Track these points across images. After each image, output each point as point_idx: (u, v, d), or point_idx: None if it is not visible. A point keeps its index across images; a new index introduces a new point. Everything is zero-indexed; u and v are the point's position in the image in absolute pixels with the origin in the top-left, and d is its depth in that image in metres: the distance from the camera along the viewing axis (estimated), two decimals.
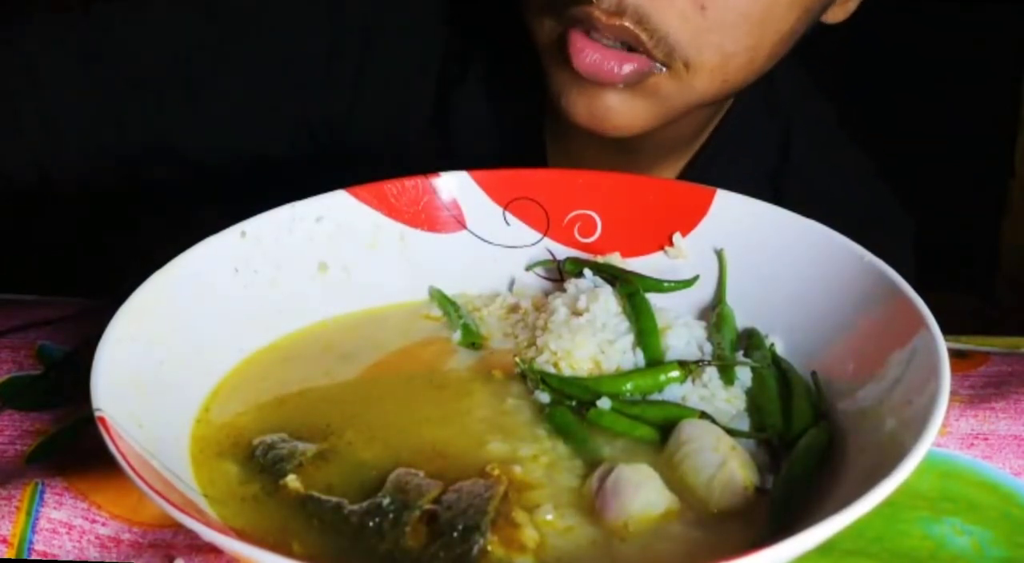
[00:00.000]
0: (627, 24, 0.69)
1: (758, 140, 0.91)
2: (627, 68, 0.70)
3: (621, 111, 0.74)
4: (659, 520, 0.49)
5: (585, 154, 0.88)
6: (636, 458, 0.54)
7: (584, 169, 0.70)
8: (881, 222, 0.80)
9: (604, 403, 0.56)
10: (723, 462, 0.52)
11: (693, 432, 0.54)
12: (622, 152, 0.86)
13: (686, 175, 0.90)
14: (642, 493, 0.50)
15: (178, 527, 0.53)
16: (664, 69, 0.71)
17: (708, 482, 0.51)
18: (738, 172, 0.88)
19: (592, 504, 0.50)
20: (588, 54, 0.70)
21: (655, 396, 0.58)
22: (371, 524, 0.48)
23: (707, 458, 0.52)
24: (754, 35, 0.72)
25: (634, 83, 0.72)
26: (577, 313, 0.62)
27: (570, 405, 0.57)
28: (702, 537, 0.49)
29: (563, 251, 0.69)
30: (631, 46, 0.70)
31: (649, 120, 0.75)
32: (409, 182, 0.68)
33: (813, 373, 0.59)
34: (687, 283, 0.66)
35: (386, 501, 0.49)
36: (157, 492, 0.43)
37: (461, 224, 0.69)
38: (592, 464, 0.53)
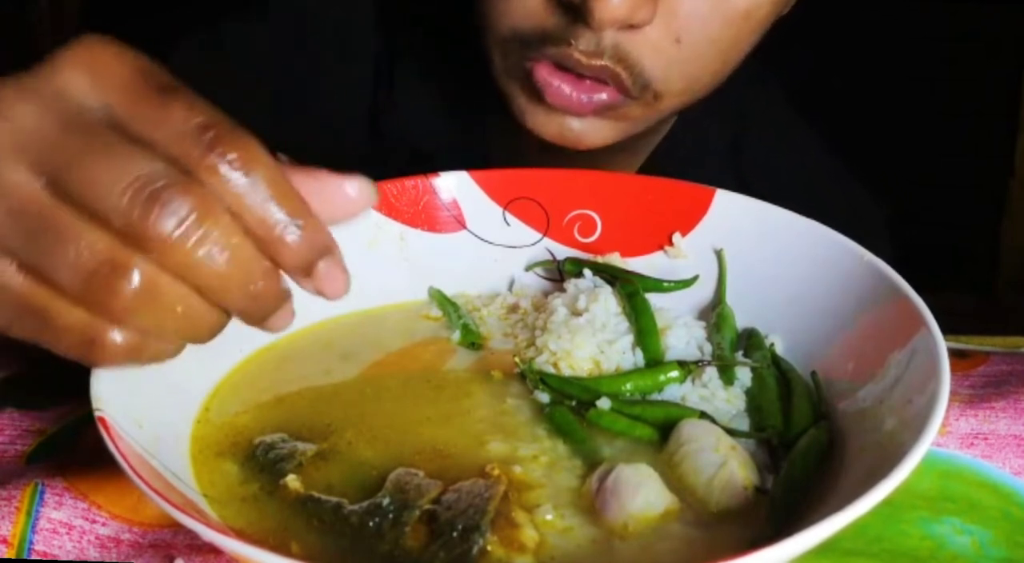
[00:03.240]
0: (607, 64, 0.68)
1: (714, 133, 0.91)
2: (597, 99, 0.70)
3: (590, 132, 0.73)
4: (659, 520, 0.49)
5: (532, 153, 0.87)
6: (636, 458, 0.54)
7: (556, 168, 0.69)
8: (857, 219, 0.80)
9: (604, 403, 0.56)
10: (723, 462, 0.52)
11: (693, 432, 0.54)
12: (568, 154, 0.85)
13: (643, 171, 0.90)
14: (642, 493, 0.50)
15: (178, 527, 0.53)
16: (632, 100, 0.71)
17: (708, 482, 0.51)
18: (696, 166, 0.87)
19: (592, 504, 0.50)
20: (559, 88, 0.69)
21: (655, 396, 0.58)
22: (371, 524, 0.48)
23: (707, 458, 0.52)
24: (721, 59, 0.72)
25: (603, 112, 0.71)
26: (577, 313, 0.62)
27: (570, 405, 0.57)
28: (702, 537, 0.49)
29: (563, 251, 0.69)
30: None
31: (618, 136, 0.75)
32: (409, 182, 0.68)
33: (813, 373, 0.59)
34: (687, 283, 0.66)
35: (386, 501, 0.49)
36: (157, 492, 0.43)
37: (461, 224, 0.69)
38: (592, 464, 0.53)
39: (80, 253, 0.41)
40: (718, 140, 0.92)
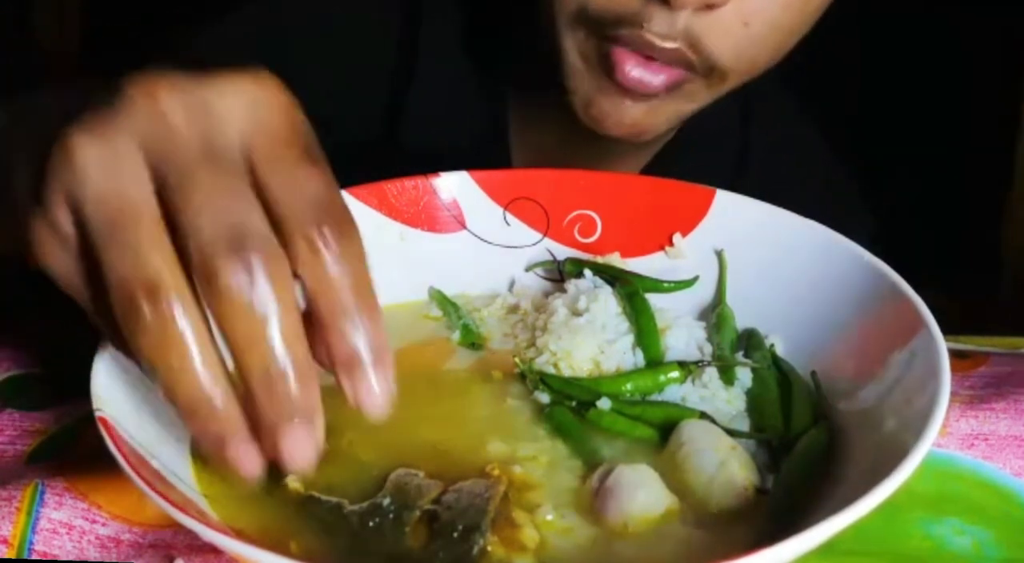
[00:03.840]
0: (680, 46, 0.69)
1: (722, 133, 0.92)
2: (667, 78, 0.71)
3: (652, 120, 0.74)
4: (659, 521, 0.49)
5: (551, 146, 0.87)
6: (636, 458, 0.54)
7: (548, 160, 0.69)
8: (840, 221, 0.81)
9: (604, 403, 0.56)
10: (723, 462, 0.52)
11: (693, 433, 0.54)
12: (592, 146, 0.85)
13: (652, 167, 0.90)
14: (642, 493, 0.50)
15: (178, 527, 0.53)
16: (699, 78, 0.72)
17: (708, 482, 0.51)
18: (702, 164, 0.87)
19: (592, 504, 0.50)
20: (630, 67, 0.70)
21: (655, 397, 0.58)
22: (371, 524, 0.48)
23: (707, 458, 0.52)
24: (782, 42, 0.73)
25: (670, 90, 0.72)
26: (577, 313, 0.62)
27: (570, 405, 0.57)
28: (702, 537, 0.49)
29: (563, 251, 0.69)
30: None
31: (673, 122, 0.76)
32: (409, 182, 0.68)
33: (813, 373, 0.59)
34: (687, 283, 0.66)
35: (386, 501, 0.49)
36: (157, 492, 0.43)
37: (461, 224, 0.69)
38: (592, 464, 0.53)
39: (139, 257, 0.40)
40: (728, 134, 0.93)
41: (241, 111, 0.42)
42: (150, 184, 0.41)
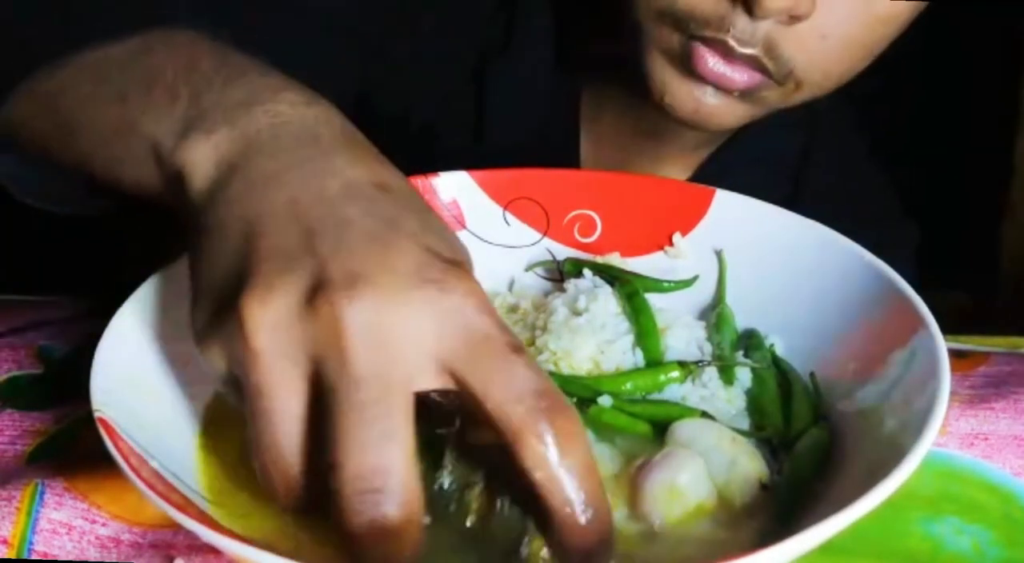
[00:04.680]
0: (758, 54, 0.70)
1: (782, 139, 0.92)
2: (745, 80, 0.72)
3: (724, 112, 0.75)
4: (694, 513, 0.50)
5: (615, 135, 0.88)
6: (637, 457, 0.54)
7: (615, 150, 0.71)
8: (889, 231, 0.81)
9: (605, 400, 0.56)
10: (733, 461, 0.52)
11: (692, 433, 0.54)
12: (654, 139, 0.86)
13: (707, 166, 0.91)
14: (682, 481, 0.50)
15: (178, 527, 0.53)
16: (775, 84, 0.73)
17: (726, 484, 0.51)
18: (757, 169, 0.88)
19: (628, 493, 0.51)
20: (712, 62, 0.71)
21: (655, 396, 0.58)
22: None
23: (715, 459, 0.52)
24: (858, 58, 0.75)
25: (746, 92, 0.73)
26: (576, 313, 0.62)
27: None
28: (722, 536, 0.49)
29: (563, 251, 0.69)
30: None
31: (745, 118, 0.77)
32: None
33: (811, 374, 0.59)
34: (687, 283, 0.66)
35: (447, 482, 0.47)
36: (157, 492, 0.43)
37: (461, 224, 0.69)
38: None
39: (273, 451, 0.44)
40: (787, 146, 0.93)
41: (429, 334, 0.42)
42: (303, 396, 0.43)
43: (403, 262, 0.43)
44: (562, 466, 0.41)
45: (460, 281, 0.43)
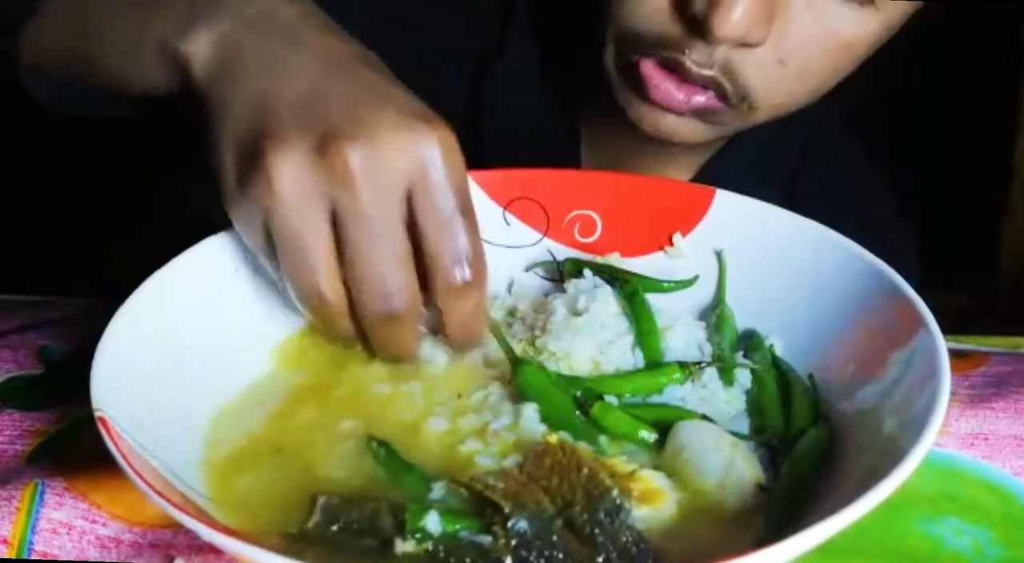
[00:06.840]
0: (715, 75, 0.71)
1: (779, 141, 0.92)
2: (695, 102, 0.73)
3: (685, 130, 0.76)
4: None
5: (615, 139, 0.89)
6: (637, 457, 0.54)
7: (614, 153, 0.74)
8: (890, 231, 0.81)
9: (612, 398, 0.56)
10: (730, 463, 0.51)
11: (692, 434, 0.54)
12: (653, 144, 0.86)
13: (706, 169, 0.91)
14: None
15: (178, 527, 0.53)
16: (729, 107, 0.74)
17: (720, 486, 0.51)
18: (755, 171, 0.88)
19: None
20: (661, 86, 0.72)
21: (654, 398, 0.58)
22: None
23: (712, 460, 0.52)
24: (818, 82, 0.75)
25: (699, 114, 0.74)
26: (576, 314, 0.62)
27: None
28: (713, 537, 0.49)
29: (563, 251, 0.69)
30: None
31: (712, 135, 0.78)
32: None
33: (811, 376, 0.59)
34: (687, 283, 0.66)
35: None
36: (157, 492, 0.43)
37: None
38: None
39: (310, 281, 0.53)
40: (787, 150, 0.94)
41: (412, 164, 0.52)
42: (328, 224, 0.52)
43: (391, 117, 0.52)
44: (459, 304, 0.55)
45: (434, 129, 0.53)
